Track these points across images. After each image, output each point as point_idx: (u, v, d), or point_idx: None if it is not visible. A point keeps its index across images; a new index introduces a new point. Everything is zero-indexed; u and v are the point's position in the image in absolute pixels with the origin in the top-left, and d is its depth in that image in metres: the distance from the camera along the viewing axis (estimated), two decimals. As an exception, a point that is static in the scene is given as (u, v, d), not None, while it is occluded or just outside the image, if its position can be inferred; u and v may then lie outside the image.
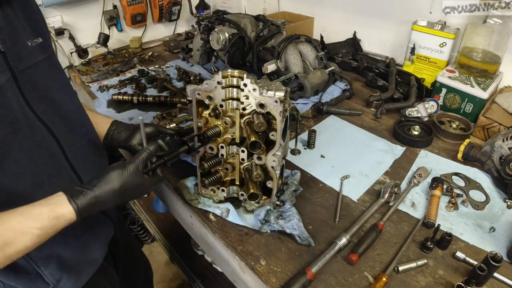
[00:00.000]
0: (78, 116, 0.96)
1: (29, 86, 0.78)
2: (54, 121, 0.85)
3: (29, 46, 0.80)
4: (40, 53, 0.83)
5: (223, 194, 1.03)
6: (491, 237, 0.96)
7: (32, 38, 0.82)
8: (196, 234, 1.14)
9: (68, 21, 2.02)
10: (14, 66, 0.75)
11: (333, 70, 1.69)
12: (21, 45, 0.78)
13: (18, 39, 0.77)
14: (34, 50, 0.82)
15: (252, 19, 1.73)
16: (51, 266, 0.86)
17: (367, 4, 1.97)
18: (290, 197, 1.03)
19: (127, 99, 1.59)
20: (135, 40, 2.21)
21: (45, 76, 0.84)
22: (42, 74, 0.83)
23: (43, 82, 0.83)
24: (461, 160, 1.23)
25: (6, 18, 0.75)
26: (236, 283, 1.04)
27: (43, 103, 0.82)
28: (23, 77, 0.77)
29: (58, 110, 0.87)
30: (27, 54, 0.79)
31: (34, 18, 0.85)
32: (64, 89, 0.92)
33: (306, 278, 0.82)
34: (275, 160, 0.92)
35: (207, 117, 0.96)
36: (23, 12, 0.81)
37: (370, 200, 1.09)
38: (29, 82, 0.79)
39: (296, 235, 0.93)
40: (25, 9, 0.82)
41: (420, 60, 1.69)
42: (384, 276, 0.83)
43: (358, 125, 1.45)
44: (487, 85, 1.42)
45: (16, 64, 0.76)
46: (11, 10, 0.77)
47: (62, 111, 0.88)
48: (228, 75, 0.88)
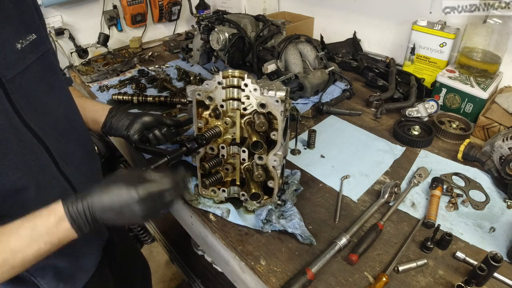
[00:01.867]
0: (70, 121, 0.91)
1: (18, 94, 0.73)
2: (45, 129, 0.80)
3: (18, 49, 0.74)
4: (32, 53, 0.77)
5: (224, 195, 1.03)
6: (491, 237, 0.96)
7: (24, 37, 0.76)
8: (196, 234, 1.14)
9: (68, 21, 2.02)
10: (2, 76, 0.70)
11: (333, 70, 1.69)
12: (8, 51, 0.72)
13: (5, 45, 0.72)
14: (25, 51, 0.76)
15: (252, 19, 1.73)
16: (48, 276, 0.86)
17: (367, 4, 1.97)
18: (291, 196, 1.04)
19: (127, 99, 1.59)
20: (135, 40, 2.21)
21: (36, 80, 0.79)
22: (33, 79, 0.78)
23: (33, 87, 0.78)
24: (461, 160, 1.23)
25: None
26: (236, 283, 1.04)
27: (34, 111, 0.78)
28: (12, 85, 0.72)
29: (49, 117, 0.82)
30: (15, 60, 0.73)
31: (28, 12, 0.79)
32: (56, 91, 0.87)
33: (306, 278, 0.82)
34: (276, 159, 0.92)
35: (207, 118, 0.96)
36: (15, 7, 0.75)
37: (370, 200, 1.09)
38: (19, 90, 0.73)
39: (298, 234, 0.93)
40: (18, 3, 0.76)
41: (420, 60, 1.69)
42: (384, 276, 0.83)
43: (358, 125, 1.45)
44: (487, 85, 1.42)
45: (4, 73, 0.70)
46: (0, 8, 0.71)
47: (53, 117, 0.84)
48: (229, 75, 0.88)
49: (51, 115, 0.83)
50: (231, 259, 0.96)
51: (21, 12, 0.77)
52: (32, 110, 0.77)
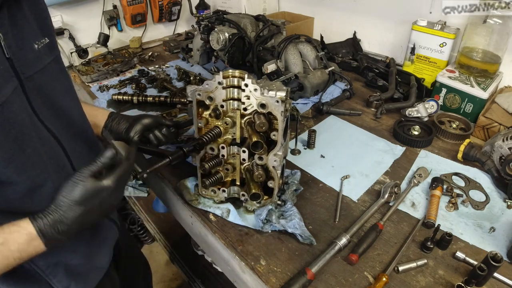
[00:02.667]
0: (81, 122, 0.93)
1: (35, 93, 0.74)
2: (59, 129, 0.81)
3: (36, 49, 0.76)
4: (47, 55, 0.79)
5: (224, 195, 1.03)
6: (491, 237, 0.96)
7: (40, 39, 0.77)
8: (196, 234, 1.14)
9: (68, 21, 2.02)
10: (21, 72, 0.71)
11: (333, 70, 1.69)
12: (28, 49, 0.74)
13: (24, 42, 0.73)
14: (41, 52, 0.77)
15: (252, 19, 1.73)
16: (60, 274, 0.85)
17: (367, 4, 1.97)
18: (291, 196, 1.04)
19: (127, 99, 1.59)
20: (135, 40, 2.21)
21: (51, 80, 0.81)
22: (49, 79, 0.80)
23: (49, 86, 0.79)
24: (461, 160, 1.23)
25: (12, 19, 0.70)
26: (236, 283, 1.04)
27: (49, 110, 0.79)
28: (30, 83, 0.73)
29: (63, 116, 0.84)
30: (34, 58, 0.75)
31: (43, 16, 0.81)
32: (69, 93, 0.89)
33: (306, 278, 0.82)
34: (276, 160, 0.92)
35: (207, 118, 0.96)
36: (31, 10, 0.77)
37: (370, 200, 1.09)
38: (36, 88, 0.75)
39: (298, 234, 0.93)
40: (33, 6, 0.78)
41: (420, 60, 1.69)
42: (384, 276, 0.83)
43: (358, 125, 1.45)
44: (487, 85, 1.42)
45: (23, 70, 0.71)
46: (18, 9, 0.73)
47: (66, 117, 0.85)
48: (229, 76, 0.88)
49: (65, 116, 0.85)
50: (231, 259, 0.96)
51: (36, 15, 0.78)
52: (47, 110, 0.78)
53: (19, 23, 0.72)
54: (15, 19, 0.72)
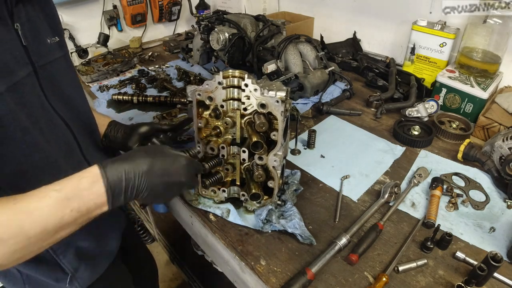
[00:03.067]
0: (88, 116, 0.98)
1: (47, 81, 0.80)
2: (69, 118, 0.86)
3: (48, 43, 0.82)
4: (57, 51, 0.85)
5: (224, 195, 1.03)
6: (491, 237, 0.96)
7: (51, 36, 0.83)
8: (196, 234, 1.14)
9: (68, 21, 2.02)
10: (35, 61, 0.76)
11: (333, 70, 1.69)
12: (41, 41, 0.80)
13: (38, 36, 0.79)
14: (53, 48, 0.83)
15: (252, 19, 1.73)
16: (69, 254, 0.87)
17: (367, 4, 1.97)
18: (291, 196, 1.04)
19: (127, 99, 1.59)
20: (135, 40, 2.21)
21: (61, 73, 0.86)
22: (59, 71, 0.85)
23: (59, 79, 0.85)
24: (461, 160, 1.23)
25: (27, 15, 0.76)
26: (236, 283, 1.04)
27: (60, 100, 0.84)
28: (43, 72, 0.78)
29: (72, 108, 0.89)
30: (46, 50, 0.81)
31: (52, 16, 0.87)
32: (77, 88, 0.94)
33: (306, 278, 0.82)
34: (277, 160, 0.92)
35: (207, 118, 0.96)
36: (43, 10, 0.82)
37: (370, 200, 1.09)
38: (48, 77, 0.80)
39: (298, 234, 0.93)
40: (44, 7, 0.83)
41: (420, 60, 1.69)
42: (384, 276, 0.83)
43: (358, 125, 1.45)
44: (487, 85, 1.42)
45: (37, 59, 0.77)
46: (32, 8, 0.78)
47: (75, 109, 0.90)
48: (229, 76, 0.88)
49: (74, 107, 0.90)
50: (231, 259, 0.96)
51: (46, 15, 0.84)
52: (58, 100, 0.83)
53: (33, 19, 0.78)
54: (29, 15, 0.77)
